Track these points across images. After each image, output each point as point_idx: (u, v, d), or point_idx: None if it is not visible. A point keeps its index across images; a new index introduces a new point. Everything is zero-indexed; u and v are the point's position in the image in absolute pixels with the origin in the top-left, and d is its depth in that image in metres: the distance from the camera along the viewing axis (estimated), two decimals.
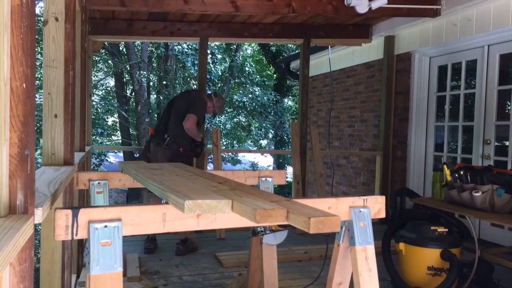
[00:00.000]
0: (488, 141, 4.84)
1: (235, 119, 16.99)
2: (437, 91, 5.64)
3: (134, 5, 4.40)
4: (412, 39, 5.74)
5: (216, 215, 1.58)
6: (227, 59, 16.37)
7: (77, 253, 3.56)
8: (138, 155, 4.92)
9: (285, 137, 16.02)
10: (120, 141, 16.53)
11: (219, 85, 15.68)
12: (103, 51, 14.41)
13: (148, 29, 5.65)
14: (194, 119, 4.54)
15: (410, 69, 5.81)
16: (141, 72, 14.22)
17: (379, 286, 1.78)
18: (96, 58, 15.26)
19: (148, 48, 14.56)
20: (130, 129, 15.90)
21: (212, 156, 5.85)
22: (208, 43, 5.97)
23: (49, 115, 2.34)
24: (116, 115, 16.51)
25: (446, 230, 3.29)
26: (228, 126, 15.88)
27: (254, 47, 18.47)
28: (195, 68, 13.29)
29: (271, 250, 2.62)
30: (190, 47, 13.21)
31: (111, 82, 17.60)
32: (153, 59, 15.32)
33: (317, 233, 1.32)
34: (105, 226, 1.42)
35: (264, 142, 17.69)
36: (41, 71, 2.41)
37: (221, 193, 1.60)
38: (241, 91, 16.52)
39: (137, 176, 2.21)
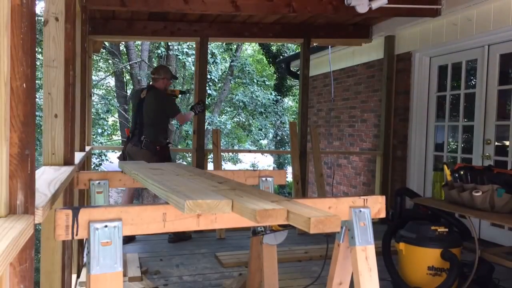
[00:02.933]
0: (489, 141, 4.84)
1: (235, 119, 16.99)
2: (437, 91, 5.64)
3: (134, 5, 4.40)
4: (412, 39, 5.74)
5: (216, 215, 1.58)
6: (227, 59, 16.36)
7: (77, 253, 3.56)
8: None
9: (285, 137, 16.01)
10: (121, 141, 16.53)
11: (219, 85, 15.68)
12: (103, 51, 14.41)
13: (148, 29, 5.65)
14: (181, 116, 5.13)
15: (411, 69, 5.81)
16: (142, 71, 14.22)
17: (379, 286, 1.78)
18: (96, 58, 15.27)
19: (148, 48, 14.56)
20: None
21: (212, 156, 5.85)
22: (208, 43, 5.97)
23: (49, 115, 2.34)
24: (116, 115, 16.51)
25: (446, 230, 3.29)
26: (228, 126, 15.88)
27: (254, 47, 18.46)
28: None
29: (271, 250, 2.62)
30: (190, 46, 13.22)
31: (111, 81, 17.61)
32: (153, 59, 15.32)
33: (318, 233, 1.32)
34: (105, 226, 1.42)
35: (264, 142, 17.69)
36: (42, 71, 2.41)
37: (221, 193, 1.60)
38: (241, 91, 16.52)
39: (137, 176, 2.21)
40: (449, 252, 3.16)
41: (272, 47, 15.69)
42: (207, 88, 6.02)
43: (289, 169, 14.79)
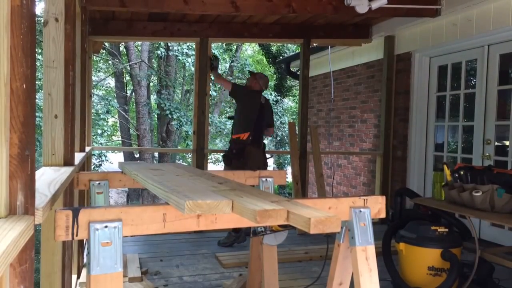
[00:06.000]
0: (489, 141, 4.84)
1: None
2: (437, 91, 5.64)
3: (134, 6, 4.40)
4: (412, 39, 5.74)
5: (217, 215, 1.58)
6: (227, 59, 16.36)
7: (78, 254, 3.56)
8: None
9: (285, 137, 16.01)
10: (121, 141, 16.54)
11: (219, 85, 15.69)
12: (103, 51, 14.41)
13: (148, 29, 5.65)
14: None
15: (410, 69, 5.81)
16: (141, 72, 14.22)
17: (379, 286, 1.78)
18: (96, 59, 15.27)
19: (148, 49, 14.57)
20: (130, 129, 15.91)
21: (212, 157, 5.83)
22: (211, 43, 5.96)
23: (49, 115, 2.34)
24: (116, 116, 16.52)
25: (447, 230, 3.29)
26: (228, 126, 15.85)
27: (254, 47, 18.47)
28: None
29: (271, 251, 2.62)
30: (190, 47, 13.22)
31: (111, 82, 17.61)
32: (153, 60, 15.33)
33: (318, 233, 1.32)
34: (106, 227, 1.42)
35: (264, 142, 17.71)
36: (42, 71, 2.42)
37: (221, 193, 1.60)
38: None
39: (137, 176, 2.21)
40: (449, 252, 3.16)
41: (272, 48, 15.69)
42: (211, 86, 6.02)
43: (289, 170, 14.78)
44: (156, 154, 15.21)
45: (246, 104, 5.07)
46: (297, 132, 6.08)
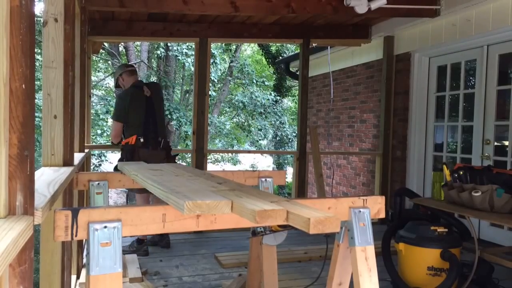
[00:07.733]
0: (488, 141, 4.84)
1: (234, 119, 16.99)
2: (437, 91, 5.64)
3: (133, 6, 4.40)
4: (411, 39, 5.75)
5: (216, 215, 1.58)
6: (226, 59, 16.37)
7: (77, 254, 3.55)
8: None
9: (284, 138, 16.02)
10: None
11: (219, 85, 15.68)
12: (103, 51, 14.41)
13: (148, 29, 5.64)
14: None
15: (410, 69, 5.81)
16: (141, 72, 14.21)
17: (379, 286, 1.78)
18: (96, 59, 15.26)
19: (148, 49, 14.57)
20: None
21: (212, 157, 5.82)
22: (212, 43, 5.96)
23: (48, 116, 2.34)
24: None
25: (446, 230, 3.29)
26: (227, 126, 15.88)
27: (254, 48, 18.48)
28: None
29: (271, 251, 2.62)
30: (189, 47, 13.23)
31: (111, 82, 17.60)
32: (152, 60, 15.33)
33: (317, 233, 1.32)
34: (105, 227, 1.42)
35: (263, 143, 17.69)
36: (41, 71, 2.41)
37: (221, 193, 1.60)
38: (240, 92, 16.52)
39: (136, 177, 2.21)
40: (449, 252, 3.16)
41: (271, 48, 15.70)
42: (211, 86, 6.01)
43: (289, 170, 14.77)
44: None
45: (130, 107, 4.51)
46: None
